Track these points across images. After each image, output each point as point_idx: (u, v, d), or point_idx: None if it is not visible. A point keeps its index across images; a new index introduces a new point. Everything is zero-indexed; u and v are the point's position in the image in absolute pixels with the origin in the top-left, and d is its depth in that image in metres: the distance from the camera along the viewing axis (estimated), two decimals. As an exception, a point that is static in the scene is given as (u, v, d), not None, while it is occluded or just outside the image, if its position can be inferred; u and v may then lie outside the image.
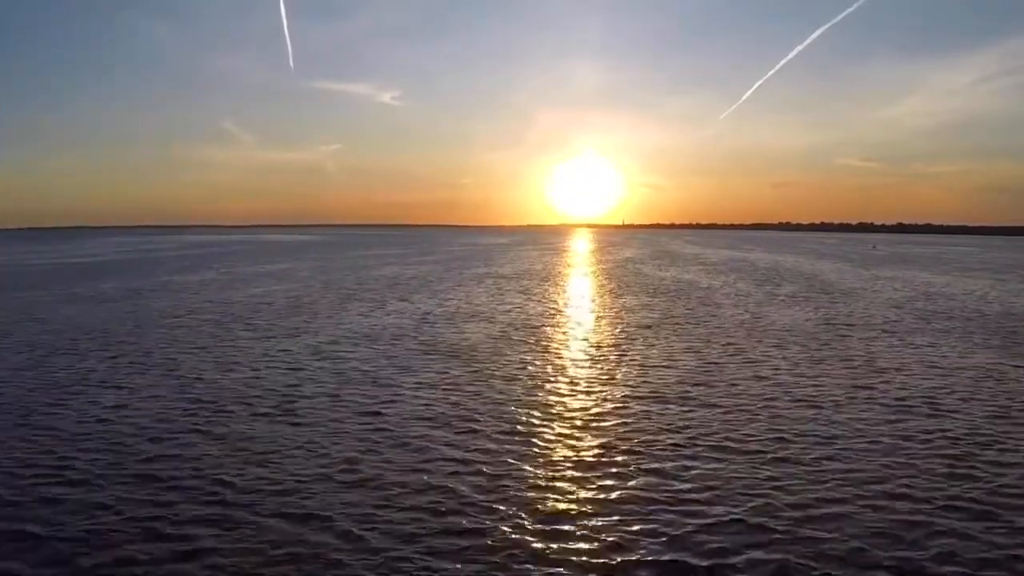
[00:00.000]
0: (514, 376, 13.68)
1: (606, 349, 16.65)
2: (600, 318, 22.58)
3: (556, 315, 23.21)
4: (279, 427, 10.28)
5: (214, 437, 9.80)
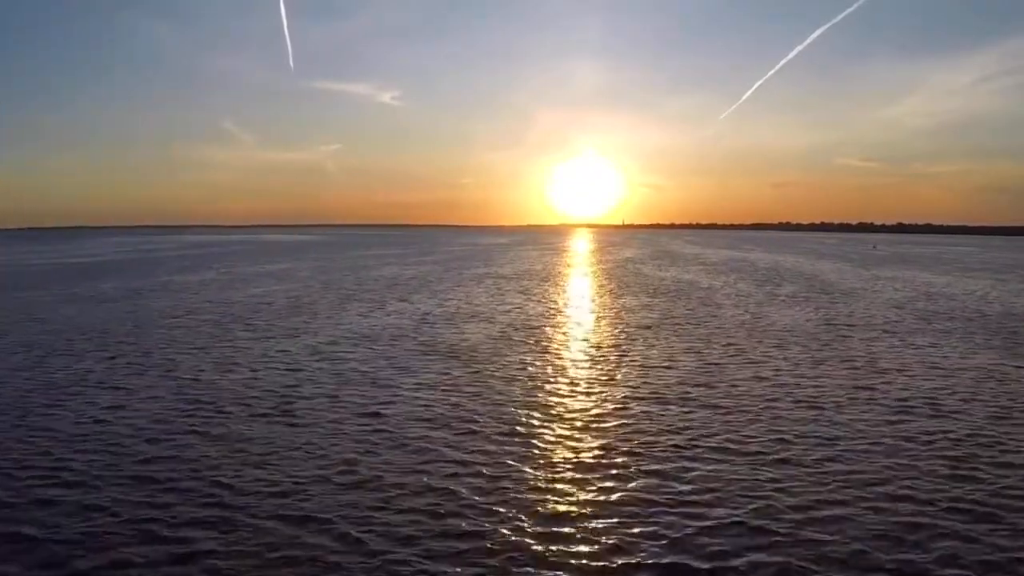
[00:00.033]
0: (514, 377, 13.63)
1: (606, 350, 16.60)
2: (600, 318, 22.53)
3: (556, 315, 23.16)
4: (277, 428, 10.23)
5: (212, 438, 9.75)
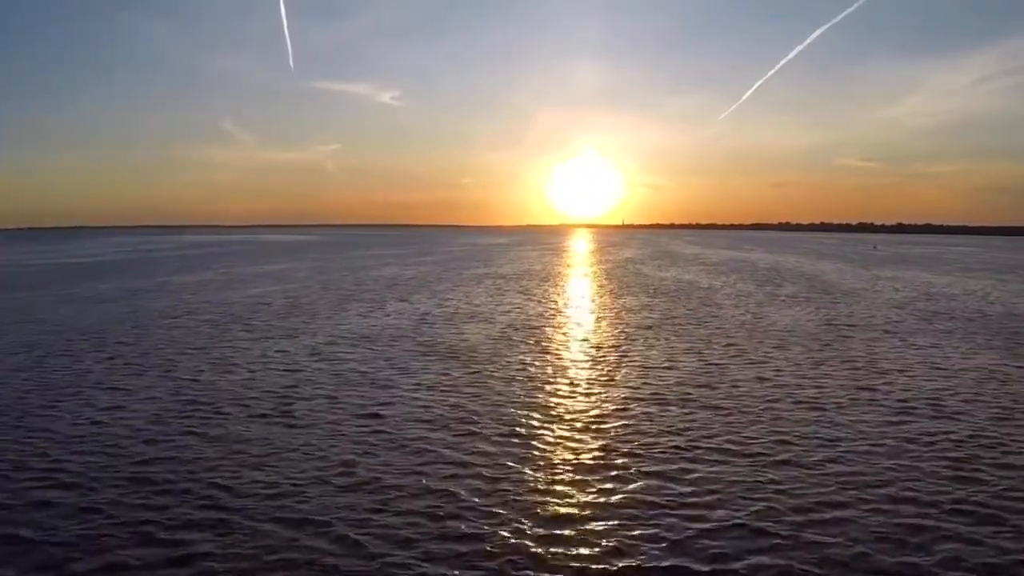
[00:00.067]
0: (513, 377, 13.57)
1: (606, 350, 16.54)
2: (600, 319, 22.47)
3: (556, 316, 23.10)
4: (275, 429, 10.17)
5: (209, 439, 9.69)
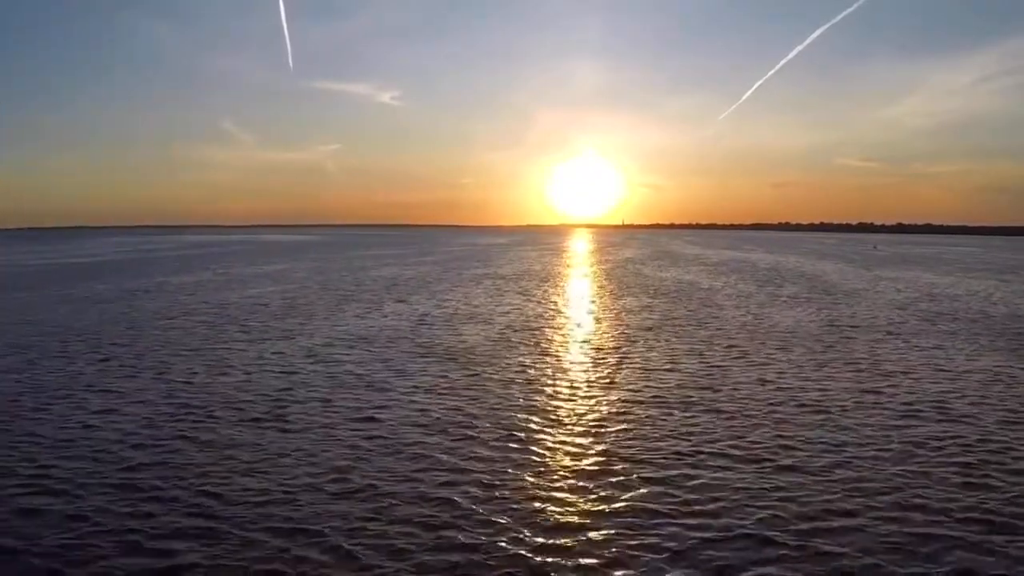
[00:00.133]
0: (512, 380, 13.36)
1: (606, 352, 16.33)
2: (600, 320, 22.27)
3: (555, 317, 22.90)
4: (268, 433, 9.96)
5: (200, 444, 9.48)
